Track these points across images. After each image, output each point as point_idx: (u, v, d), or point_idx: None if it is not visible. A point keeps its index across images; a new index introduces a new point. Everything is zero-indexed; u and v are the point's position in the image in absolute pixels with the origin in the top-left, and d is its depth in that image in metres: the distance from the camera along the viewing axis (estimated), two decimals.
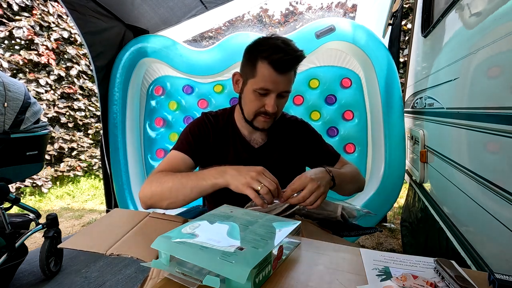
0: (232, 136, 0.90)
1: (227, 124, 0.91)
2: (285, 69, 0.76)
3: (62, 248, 1.62)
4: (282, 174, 0.76)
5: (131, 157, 1.91)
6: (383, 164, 1.66)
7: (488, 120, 0.78)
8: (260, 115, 0.82)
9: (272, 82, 0.76)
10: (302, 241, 0.59)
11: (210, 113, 0.94)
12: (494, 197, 0.72)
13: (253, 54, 0.79)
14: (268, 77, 0.76)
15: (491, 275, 0.43)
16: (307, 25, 1.74)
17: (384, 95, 1.66)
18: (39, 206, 2.95)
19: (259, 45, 0.78)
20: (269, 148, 0.91)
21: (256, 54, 0.77)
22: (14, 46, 3.22)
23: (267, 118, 0.82)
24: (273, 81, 0.76)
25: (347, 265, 0.49)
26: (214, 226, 0.54)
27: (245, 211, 0.65)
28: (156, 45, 1.87)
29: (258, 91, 0.78)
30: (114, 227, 0.66)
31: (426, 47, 1.60)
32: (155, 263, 0.47)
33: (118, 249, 0.55)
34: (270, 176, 0.65)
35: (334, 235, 0.78)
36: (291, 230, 0.54)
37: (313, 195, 0.66)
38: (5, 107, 1.29)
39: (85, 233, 0.66)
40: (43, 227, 1.56)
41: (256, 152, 0.90)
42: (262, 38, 0.80)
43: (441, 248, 1.10)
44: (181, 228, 0.53)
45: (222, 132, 0.90)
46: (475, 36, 0.92)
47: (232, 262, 0.40)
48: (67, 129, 3.64)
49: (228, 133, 0.91)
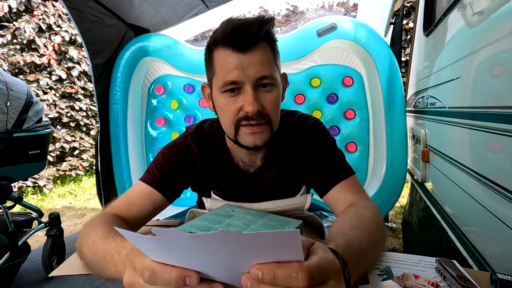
0: (222, 164, 0.72)
1: (215, 148, 0.71)
2: (247, 42, 0.54)
3: (64, 246, 1.64)
4: (278, 196, 0.69)
5: (132, 156, 1.91)
6: (385, 163, 1.66)
7: (491, 120, 0.77)
8: (241, 125, 0.59)
9: (236, 68, 0.55)
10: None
11: (193, 134, 0.71)
12: (497, 196, 0.72)
13: (207, 50, 0.62)
14: (228, 61, 0.55)
15: (493, 275, 0.43)
16: (309, 24, 1.73)
17: (386, 93, 1.65)
18: (42, 205, 2.96)
19: (210, 36, 0.60)
20: (265, 170, 0.72)
21: (209, 47, 0.60)
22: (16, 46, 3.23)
23: (254, 128, 0.58)
24: (237, 65, 0.54)
25: None
26: (216, 225, 0.54)
27: (246, 210, 0.65)
28: (157, 44, 1.87)
29: (224, 88, 0.57)
30: None
31: (428, 46, 1.60)
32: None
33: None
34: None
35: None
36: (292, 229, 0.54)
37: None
38: (7, 106, 1.30)
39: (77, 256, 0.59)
40: (45, 226, 1.56)
41: (251, 177, 0.72)
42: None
43: (442, 248, 1.09)
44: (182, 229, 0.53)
45: (212, 159, 0.71)
46: (477, 35, 0.91)
47: None
48: (68, 129, 3.66)
49: (218, 160, 0.71)
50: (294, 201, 0.69)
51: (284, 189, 0.74)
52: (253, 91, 0.56)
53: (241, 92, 0.57)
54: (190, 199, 2.00)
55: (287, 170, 0.72)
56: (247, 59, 0.55)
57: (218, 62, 0.58)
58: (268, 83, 0.58)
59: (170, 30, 2.09)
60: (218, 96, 0.60)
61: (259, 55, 0.56)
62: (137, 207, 0.61)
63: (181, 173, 0.68)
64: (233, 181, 0.72)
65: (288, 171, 0.72)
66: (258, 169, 0.71)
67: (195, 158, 0.69)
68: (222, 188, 0.74)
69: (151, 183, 0.64)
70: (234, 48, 0.55)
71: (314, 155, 0.69)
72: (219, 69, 0.57)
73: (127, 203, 0.61)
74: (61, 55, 3.51)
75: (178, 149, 0.69)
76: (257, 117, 0.57)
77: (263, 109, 0.58)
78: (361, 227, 0.47)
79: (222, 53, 0.56)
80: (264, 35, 0.56)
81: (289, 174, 0.72)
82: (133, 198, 0.62)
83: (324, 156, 0.68)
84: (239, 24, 0.54)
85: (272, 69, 0.58)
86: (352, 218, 0.50)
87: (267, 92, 0.58)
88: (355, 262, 0.39)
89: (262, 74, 0.56)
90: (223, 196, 0.73)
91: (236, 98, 0.57)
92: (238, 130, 0.60)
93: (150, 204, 0.62)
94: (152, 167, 0.67)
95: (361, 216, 0.51)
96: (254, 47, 0.55)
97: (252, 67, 0.55)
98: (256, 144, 0.60)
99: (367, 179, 1.81)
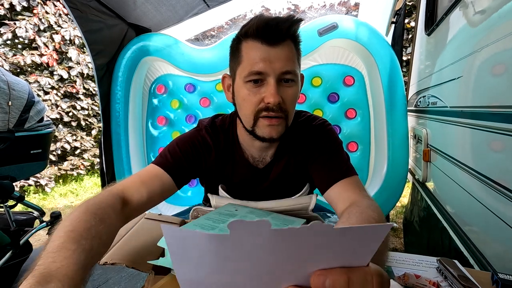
0: (233, 158, 0.73)
1: (227, 143, 0.73)
2: (276, 37, 0.58)
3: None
4: (284, 193, 0.71)
5: (133, 155, 1.92)
6: (386, 162, 1.66)
7: (492, 119, 0.77)
8: (261, 116, 0.61)
9: (263, 60, 0.58)
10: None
11: (208, 127, 0.73)
12: (498, 196, 0.72)
13: (235, 41, 0.65)
14: (256, 53, 0.58)
15: (494, 274, 0.43)
16: (310, 23, 1.73)
17: (387, 93, 1.65)
18: (43, 204, 2.97)
19: (240, 29, 0.63)
20: (273, 166, 0.74)
21: (238, 38, 0.63)
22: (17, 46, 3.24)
23: (272, 120, 0.61)
24: (264, 57, 0.58)
25: None
26: (220, 224, 0.54)
27: (250, 209, 0.65)
28: (158, 43, 1.87)
29: (249, 78, 0.60)
30: None
31: (429, 46, 1.59)
32: (162, 261, 0.47)
33: (112, 257, 0.51)
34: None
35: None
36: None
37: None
38: (9, 106, 1.30)
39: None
40: (47, 225, 1.57)
41: (259, 173, 0.74)
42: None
43: (443, 248, 1.09)
44: (187, 227, 0.53)
45: (224, 153, 0.73)
46: (479, 34, 0.91)
47: None
48: (70, 128, 3.66)
49: (229, 155, 0.73)
50: (299, 200, 0.69)
51: (289, 186, 0.75)
52: (276, 84, 0.59)
53: (264, 84, 0.60)
54: (190, 199, 2.01)
55: (293, 167, 0.73)
56: (274, 53, 0.58)
57: (246, 53, 0.60)
58: (290, 78, 0.61)
59: (171, 30, 2.09)
60: (240, 86, 0.62)
61: (286, 50, 0.59)
62: (146, 187, 0.61)
63: (194, 163, 0.69)
64: (242, 176, 0.74)
65: (294, 168, 0.73)
66: (267, 165, 0.73)
67: (209, 150, 0.71)
68: (231, 182, 0.75)
69: (163, 165, 0.65)
70: (264, 41, 0.58)
71: (319, 152, 0.70)
72: (246, 59, 0.60)
73: (138, 181, 0.61)
74: (62, 54, 3.52)
75: (193, 140, 0.70)
76: (277, 109, 0.60)
77: (283, 102, 0.60)
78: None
79: (251, 45, 0.59)
80: (292, 34, 0.60)
81: (295, 171, 0.74)
82: (143, 177, 0.63)
83: (329, 154, 0.70)
84: (272, 19, 0.58)
85: (295, 66, 0.61)
86: (358, 218, 0.50)
87: (288, 87, 0.61)
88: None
89: (286, 69, 0.59)
90: (230, 191, 0.75)
91: (259, 89, 0.60)
92: (257, 121, 0.62)
93: (159, 186, 0.63)
94: (165, 152, 0.68)
95: (367, 217, 0.51)
96: (282, 42, 0.58)
97: (278, 61, 0.58)
98: (272, 136, 0.62)
99: (368, 179, 1.81)
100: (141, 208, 0.60)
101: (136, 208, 0.59)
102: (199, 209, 0.74)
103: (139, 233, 0.62)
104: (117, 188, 0.58)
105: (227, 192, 0.75)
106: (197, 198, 1.99)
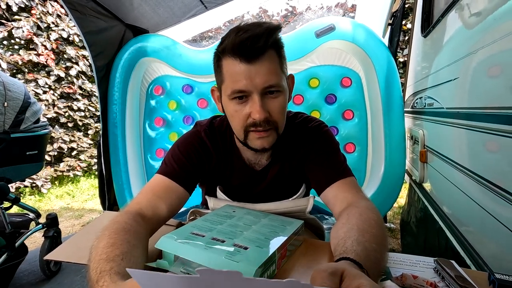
0: (231, 161, 0.74)
1: (225, 146, 0.73)
2: (253, 53, 0.55)
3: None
4: (281, 194, 0.72)
5: (131, 157, 1.91)
6: (383, 163, 1.66)
7: (488, 120, 0.78)
8: (250, 130, 0.61)
9: (245, 77, 0.56)
10: (305, 240, 0.59)
11: (206, 129, 0.72)
12: (494, 197, 0.72)
13: (215, 58, 0.62)
14: (236, 72, 0.57)
15: (491, 275, 0.43)
16: (307, 24, 1.74)
17: (384, 94, 1.65)
18: (39, 206, 2.94)
19: (219, 44, 0.61)
20: (270, 168, 0.74)
21: (218, 53, 0.61)
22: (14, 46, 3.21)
23: (261, 133, 0.61)
24: (245, 75, 0.56)
25: None
26: (217, 226, 0.54)
27: (247, 210, 0.65)
28: (155, 44, 1.86)
29: (233, 96, 0.59)
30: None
31: (426, 47, 1.60)
32: (159, 263, 0.47)
33: None
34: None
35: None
36: (294, 229, 0.54)
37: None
38: (5, 107, 1.29)
39: (72, 242, 0.61)
40: (43, 227, 1.56)
41: (257, 175, 0.74)
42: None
43: (440, 248, 1.10)
44: (185, 228, 0.53)
45: (223, 157, 0.73)
46: (475, 36, 0.92)
47: (237, 262, 0.40)
48: (66, 129, 3.64)
49: (227, 158, 0.73)
50: (297, 203, 0.70)
51: (286, 187, 0.76)
52: (260, 99, 0.58)
53: (248, 99, 0.59)
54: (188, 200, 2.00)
55: (290, 168, 0.73)
56: (254, 69, 0.56)
57: (227, 71, 0.59)
58: (275, 90, 0.60)
59: (168, 31, 2.09)
60: (227, 102, 0.62)
61: (266, 64, 0.57)
62: (164, 201, 0.60)
63: (198, 165, 0.69)
64: (240, 178, 0.74)
65: (291, 170, 0.74)
66: (264, 167, 0.73)
67: (209, 152, 0.71)
68: (229, 184, 0.75)
69: (172, 176, 0.64)
70: (242, 58, 0.56)
71: (316, 153, 0.70)
72: (228, 77, 0.59)
73: (154, 197, 0.60)
74: (59, 54, 3.50)
75: (193, 142, 0.70)
76: (264, 124, 0.60)
77: (270, 116, 0.60)
78: (371, 231, 0.47)
79: (230, 63, 0.58)
80: (271, 44, 0.58)
81: (292, 172, 0.74)
82: (157, 191, 0.61)
83: (325, 155, 0.70)
84: (247, 37, 0.55)
85: (278, 78, 0.59)
86: (358, 220, 0.50)
87: (274, 98, 0.60)
88: (373, 271, 0.40)
89: (269, 83, 0.58)
90: (228, 193, 0.75)
91: (244, 105, 0.60)
92: (248, 134, 0.63)
93: (176, 198, 0.63)
94: (169, 159, 0.67)
95: (367, 218, 0.51)
96: (262, 56, 0.56)
97: (260, 77, 0.57)
98: (263, 146, 0.63)
99: (366, 180, 1.81)
100: (160, 222, 0.60)
101: (155, 224, 0.58)
102: (196, 211, 0.74)
103: None
104: (133, 210, 0.56)
105: (225, 194, 0.75)
106: (195, 200, 1.98)
